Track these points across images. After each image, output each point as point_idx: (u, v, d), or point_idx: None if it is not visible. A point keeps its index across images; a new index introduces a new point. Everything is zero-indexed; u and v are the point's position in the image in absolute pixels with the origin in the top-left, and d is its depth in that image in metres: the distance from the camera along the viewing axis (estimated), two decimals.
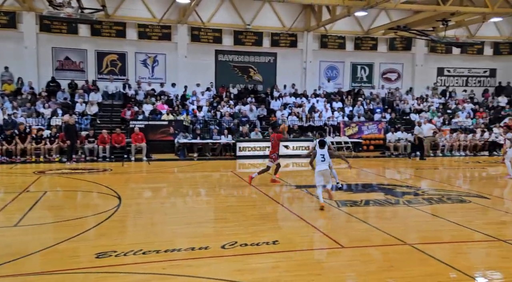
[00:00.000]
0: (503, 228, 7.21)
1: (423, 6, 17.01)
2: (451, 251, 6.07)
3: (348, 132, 19.04)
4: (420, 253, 5.78)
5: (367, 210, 8.51)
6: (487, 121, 20.24)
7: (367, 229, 7.07)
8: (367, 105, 21.11)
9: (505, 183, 12.57)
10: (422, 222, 7.69)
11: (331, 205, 8.78)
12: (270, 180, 11.50)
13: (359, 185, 11.55)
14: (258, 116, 19.54)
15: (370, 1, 14.71)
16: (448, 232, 6.99)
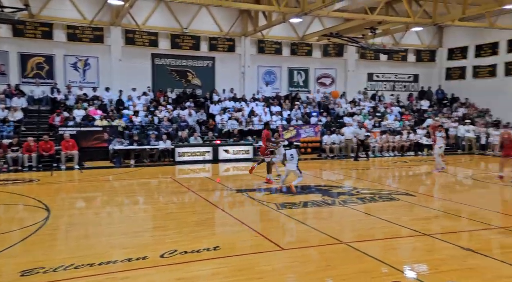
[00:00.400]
0: (428, 223, 7.77)
1: (353, 15, 17.95)
2: (383, 247, 6.43)
3: (286, 135, 19.48)
4: (355, 251, 6.05)
5: (305, 211, 8.75)
6: (412, 123, 21.78)
7: (305, 230, 7.27)
8: (304, 109, 21.77)
9: (429, 181, 13.59)
10: (356, 221, 8.06)
11: (271, 208, 8.92)
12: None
13: (298, 187, 11.82)
14: (197, 121, 19.35)
15: (304, 8, 15.22)
16: (379, 229, 7.39)
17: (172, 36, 20.90)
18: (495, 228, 7.45)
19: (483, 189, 11.88)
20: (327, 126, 20.38)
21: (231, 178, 14.40)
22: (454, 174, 14.28)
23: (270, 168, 12.17)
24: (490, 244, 6.61)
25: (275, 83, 23.28)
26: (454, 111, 22.98)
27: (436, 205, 9.39)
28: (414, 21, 17.65)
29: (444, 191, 11.74)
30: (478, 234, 7.05)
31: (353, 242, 6.44)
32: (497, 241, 6.77)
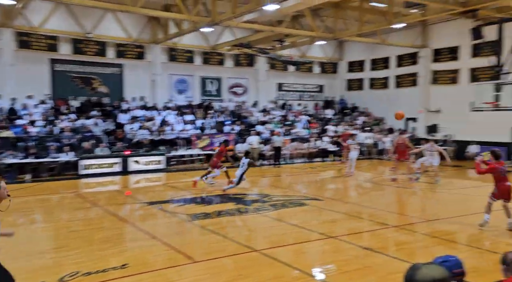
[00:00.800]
0: (334, 226, 8.26)
1: (262, 26, 18.56)
2: (294, 252, 6.67)
3: (200, 144, 19.33)
4: (267, 258, 6.18)
5: (219, 221, 8.73)
6: (319, 131, 23.11)
7: (219, 240, 7.24)
8: (217, 118, 21.83)
9: (335, 185, 14.49)
10: (268, 227, 8.26)
11: (184, 220, 8.73)
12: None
13: (213, 196, 11.79)
14: (104, 130, 18.27)
15: (214, 18, 15.33)
16: (290, 234, 7.66)
17: (74, 41, 19.50)
18: (391, 227, 8.18)
19: (381, 191, 12.99)
20: (240, 135, 20.68)
21: (142, 190, 13.84)
22: (356, 178, 15.41)
23: (228, 175, 12.99)
24: (387, 242, 7.23)
25: (187, 92, 23.01)
26: (355, 120, 24.91)
27: (341, 208, 10.02)
28: (318, 35, 18.82)
29: (347, 194, 12.61)
30: (377, 233, 7.68)
31: (266, 249, 6.58)
32: (392, 239, 7.43)
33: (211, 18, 15.35)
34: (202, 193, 12.09)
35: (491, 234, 7.56)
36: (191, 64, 22.60)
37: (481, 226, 7.76)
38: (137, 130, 18.50)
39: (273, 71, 25.23)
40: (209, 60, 23.13)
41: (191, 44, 22.21)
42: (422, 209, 10.45)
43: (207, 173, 13.42)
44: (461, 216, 9.01)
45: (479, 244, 7.06)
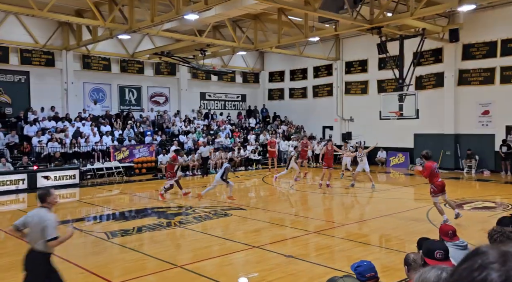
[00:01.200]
0: (257, 235, 8.35)
1: (183, 36, 18.35)
2: (218, 264, 6.60)
3: (119, 156, 18.42)
4: (190, 273, 6.03)
5: (140, 238, 8.35)
6: (242, 140, 23.38)
7: (139, 258, 6.92)
8: (137, 128, 21.01)
9: (258, 194, 14.70)
10: (192, 241, 8.09)
11: (101, 238, 8.21)
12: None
13: (133, 211, 11.27)
14: (7, 144, 16.59)
15: (132, 26, 14.81)
16: (215, 246, 7.58)
17: None
18: (311, 233, 8.49)
19: (302, 198, 13.48)
20: (162, 146, 20.11)
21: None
22: (279, 185, 15.81)
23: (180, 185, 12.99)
24: (308, 248, 7.49)
25: (104, 101, 21.85)
26: (277, 128, 25.66)
27: (264, 217, 10.18)
28: (239, 45, 19.12)
29: (270, 202, 12.86)
30: (299, 239, 7.92)
31: (189, 264, 6.43)
32: (313, 245, 7.72)
33: (129, 26, 14.80)
34: (120, 209, 11.50)
35: (399, 235, 8.20)
36: (108, 72, 21.54)
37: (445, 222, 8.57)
38: (47, 143, 17.09)
39: (196, 80, 25.05)
40: (128, 69, 22.25)
41: (108, 52, 21.19)
42: (339, 213, 11.03)
43: (169, 188, 12.98)
44: (373, 218, 9.67)
45: (389, 245, 7.62)
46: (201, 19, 15.63)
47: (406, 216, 9.80)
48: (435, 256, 2.93)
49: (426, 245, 3.15)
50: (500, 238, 2.67)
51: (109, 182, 16.55)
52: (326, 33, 17.85)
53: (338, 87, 23.57)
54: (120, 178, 17.26)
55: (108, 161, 17.92)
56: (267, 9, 16.63)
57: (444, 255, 2.96)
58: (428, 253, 2.99)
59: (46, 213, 4.23)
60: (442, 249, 2.96)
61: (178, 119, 23.25)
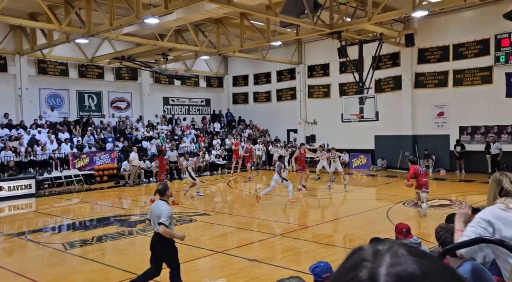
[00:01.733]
0: (223, 240, 8.29)
1: (144, 40, 18.01)
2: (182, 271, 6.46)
3: (78, 164, 17.77)
4: (153, 281, 5.88)
5: (100, 247, 8.08)
6: (207, 144, 23.21)
7: (99, 268, 6.69)
8: (97, 135, 20.37)
9: (223, 198, 14.60)
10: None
11: (58, 250, 7.87)
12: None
13: (93, 220, 10.88)
14: None
15: (90, 30, 14.37)
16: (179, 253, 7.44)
17: None
18: (277, 236, 8.53)
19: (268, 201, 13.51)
20: (124, 152, 19.61)
21: (7, 219, 12.11)
22: (243, 189, 15.80)
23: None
24: (273, 251, 7.51)
25: (62, 107, 21.05)
26: (242, 132, 25.67)
27: (230, 221, 10.13)
28: (202, 50, 18.99)
29: (236, 207, 12.82)
30: (264, 243, 7.93)
31: None
32: (278, 248, 7.75)
33: (86, 29, 14.36)
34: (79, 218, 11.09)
35: (361, 234, 8.39)
36: (66, 77, 20.80)
37: (424, 215, 9.44)
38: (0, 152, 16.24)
39: (158, 85, 24.65)
40: (87, 74, 21.58)
41: (65, 56, 20.47)
42: (304, 216, 11.15)
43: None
44: (338, 219, 9.84)
45: (352, 245, 7.77)
46: (162, 23, 15.42)
47: (368, 215, 10.05)
48: None
49: None
50: (445, 235, 2.78)
51: (68, 191, 15.93)
52: (288, 37, 18.08)
53: (301, 90, 23.92)
54: (80, 186, 16.66)
55: (67, 169, 17.26)
56: (229, 13, 16.65)
57: None
58: None
59: (163, 205, 5.41)
60: None
61: (141, 125, 22.79)
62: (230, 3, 12.17)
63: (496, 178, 2.65)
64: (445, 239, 2.73)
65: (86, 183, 17.17)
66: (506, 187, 2.57)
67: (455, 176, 17.28)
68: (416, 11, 13.27)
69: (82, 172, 17.39)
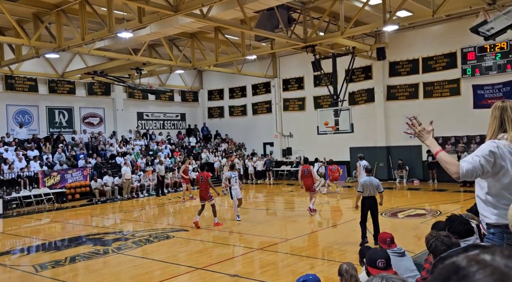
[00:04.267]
0: (201, 256, 8.09)
1: (117, 54, 17.75)
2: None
3: (49, 182, 17.15)
4: None
5: (73, 268, 7.74)
6: (183, 159, 22.91)
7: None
8: (69, 152, 19.78)
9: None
10: (132, 267, 7.64)
11: (28, 272, 7.48)
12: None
13: (66, 240, 10.45)
14: None
15: (60, 44, 14.05)
16: (156, 272, 7.22)
17: None
18: (255, 250, 8.41)
19: (246, 215, 13.37)
20: (97, 169, 19.09)
21: None
22: (222, 203, 15.60)
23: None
24: (253, 266, 7.39)
25: (31, 124, 20.38)
26: (218, 147, 25.51)
27: (208, 237, 9.93)
28: (176, 64, 18.89)
29: (213, 221, 12.59)
30: (244, 258, 7.80)
31: None
32: (258, 262, 7.63)
33: (57, 44, 14.04)
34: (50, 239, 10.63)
35: (340, 246, 8.39)
36: (35, 93, 20.22)
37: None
38: None
39: (132, 100, 24.30)
40: (57, 89, 21.05)
41: (34, 72, 19.93)
42: (282, 229, 11.07)
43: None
44: (315, 231, 9.81)
45: (331, 256, 7.75)
46: (136, 38, 15.27)
47: (347, 226, 10.08)
48: (377, 265, 2.98)
49: (368, 254, 3.21)
50: (435, 243, 2.79)
51: (38, 210, 15.31)
52: (262, 51, 18.25)
53: (277, 104, 24.08)
54: (50, 205, 16.04)
55: (37, 187, 16.62)
56: (204, 27, 16.68)
57: (385, 263, 3.03)
58: (370, 262, 3.05)
59: None
60: (383, 258, 3.03)
61: (114, 140, 22.30)
62: (205, 17, 12.21)
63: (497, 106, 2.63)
64: (436, 246, 2.73)
65: (57, 201, 16.56)
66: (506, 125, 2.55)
67: (428, 186, 17.66)
68: (386, 25, 13.67)
69: (53, 190, 16.78)
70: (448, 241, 2.78)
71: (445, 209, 11.64)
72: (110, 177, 18.34)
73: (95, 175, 18.17)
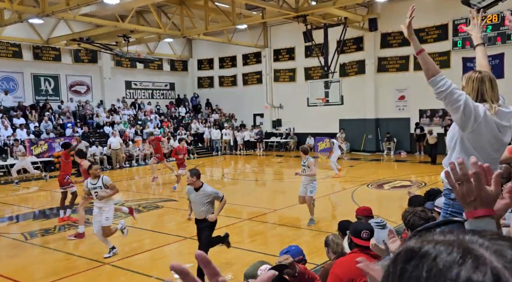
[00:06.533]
0: (190, 226, 8.19)
1: (103, 21, 17.23)
2: (149, 259, 6.39)
3: (36, 151, 17.01)
4: (120, 269, 5.78)
5: (63, 236, 7.81)
6: (172, 130, 22.81)
7: (63, 258, 6.48)
8: (56, 120, 19.51)
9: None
10: (118, 236, 7.72)
11: (17, 240, 7.54)
12: None
13: (54, 209, 10.48)
14: None
15: (44, 9, 13.56)
16: (145, 241, 7.33)
17: None
18: (244, 220, 8.56)
19: (235, 186, 13.53)
20: (85, 138, 18.93)
21: None
22: (211, 174, 15.73)
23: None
24: (242, 235, 7.54)
25: (16, 91, 19.95)
26: (208, 117, 25.39)
27: None
28: (165, 32, 18.44)
29: None
30: (232, 227, 7.93)
31: (118, 260, 6.15)
32: (246, 232, 7.79)
33: (41, 9, 13.55)
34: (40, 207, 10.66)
35: (327, 216, 8.58)
36: (19, 60, 19.68)
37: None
38: None
39: (120, 68, 23.83)
40: (42, 56, 20.50)
41: (18, 37, 19.30)
42: (271, 199, 11.25)
43: None
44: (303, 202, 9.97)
45: (317, 227, 7.93)
46: (123, 4, 14.80)
47: (333, 198, 10.28)
48: (362, 236, 3.08)
49: (353, 225, 3.31)
50: (413, 218, 2.85)
51: (26, 179, 15.24)
52: (253, 20, 17.89)
53: (267, 74, 23.86)
54: (39, 174, 15.97)
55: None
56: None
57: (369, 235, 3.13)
58: (355, 233, 3.14)
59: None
60: (368, 229, 3.12)
61: (102, 109, 22.03)
62: None
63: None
64: (414, 222, 2.80)
65: (45, 170, 16.47)
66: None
67: (415, 158, 17.96)
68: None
69: (40, 158, 16.67)
70: (424, 215, 2.85)
71: (430, 181, 11.91)
72: (99, 147, 18.23)
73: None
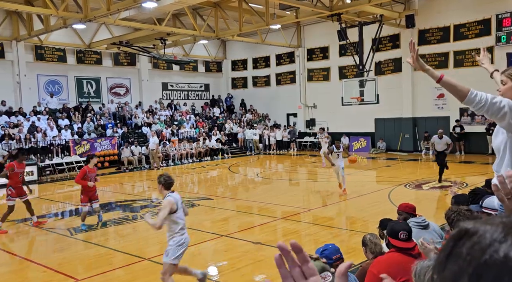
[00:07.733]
0: (225, 224, 8.37)
1: (141, 25, 17.81)
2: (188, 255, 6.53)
3: (79, 151, 17.81)
4: (158, 265, 5.96)
5: (105, 232, 8.17)
6: (207, 130, 23.20)
7: (105, 253, 6.78)
8: (97, 121, 20.35)
9: (224, 183, 14.68)
10: (158, 233, 7.90)
11: (63, 235, 7.96)
12: None
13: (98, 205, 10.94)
14: None
15: (87, 15, 14.20)
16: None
17: None
18: (278, 219, 8.61)
19: (268, 185, 13.60)
20: (124, 138, 19.62)
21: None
22: (245, 173, 15.89)
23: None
24: (276, 234, 7.60)
25: (61, 94, 20.97)
26: (242, 117, 25.62)
27: (232, 205, 10.21)
28: (200, 34, 18.81)
29: (237, 191, 12.90)
30: (267, 226, 8.01)
31: (157, 256, 6.35)
32: (280, 231, 7.84)
33: (83, 15, 14.19)
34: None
35: (363, 216, 8.47)
36: (64, 63, 20.65)
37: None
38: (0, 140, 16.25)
39: (157, 70, 24.49)
40: (85, 59, 21.42)
41: (62, 42, 20.27)
42: (305, 199, 11.23)
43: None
44: (338, 202, 9.91)
45: (353, 227, 7.86)
46: (160, 7, 15.23)
47: (370, 198, 10.12)
48: (399, 237, 3.03)
49: (390, 225, 3.24)
50: (457, 217, 2.78)
51: (70, 177, 15.99)
52: (287, 20, 17.90)
53: (301, 74, 23.77)
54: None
55: (68, 155, 17.30)
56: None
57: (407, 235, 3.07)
58: (392, 234, 3.09)
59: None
60: (405, 230, 3.06)
61: (140, 110, 22.73)
62: None
63: None
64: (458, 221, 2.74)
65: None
66: None
67: (455, 158, 17.34)
68: None
69: (83, 158, 17.42)
70: (470, 215, 2.77)
71: (472, 182, 11.48)
72: (137, 147, 18.83)
73: (122, 144, 18.71)
